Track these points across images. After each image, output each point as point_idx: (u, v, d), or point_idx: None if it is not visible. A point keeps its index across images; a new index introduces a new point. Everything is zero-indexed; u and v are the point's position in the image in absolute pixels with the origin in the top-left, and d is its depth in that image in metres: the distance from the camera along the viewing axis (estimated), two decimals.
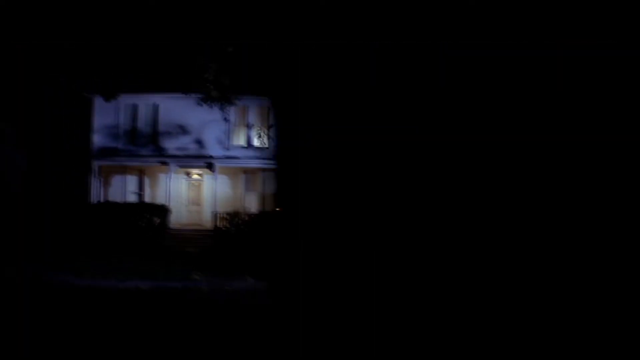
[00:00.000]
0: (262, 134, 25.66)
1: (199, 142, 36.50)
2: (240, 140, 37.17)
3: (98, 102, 35.33)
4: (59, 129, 31.28)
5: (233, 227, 33.73)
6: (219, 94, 21.08)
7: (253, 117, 36.70)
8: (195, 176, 37.52)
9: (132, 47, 20.16)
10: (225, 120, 24.38)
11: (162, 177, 36.53)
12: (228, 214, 34.45)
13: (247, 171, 37.16)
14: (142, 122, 37.17)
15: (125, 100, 35.09)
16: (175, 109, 36.24)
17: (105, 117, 36.30)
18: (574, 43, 6.69)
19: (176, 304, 15.90)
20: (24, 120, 20.93)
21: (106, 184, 36.87)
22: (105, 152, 36.28)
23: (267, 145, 30.16)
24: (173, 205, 35.14)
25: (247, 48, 18.64)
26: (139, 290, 17.93)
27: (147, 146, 36.75)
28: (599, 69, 6.65)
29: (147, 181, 37.31)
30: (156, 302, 16.06)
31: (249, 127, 36.68)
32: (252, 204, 36.97)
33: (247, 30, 19.28)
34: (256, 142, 35.16)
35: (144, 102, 36.85)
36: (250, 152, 36.48)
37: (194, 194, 37.51)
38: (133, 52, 20.93)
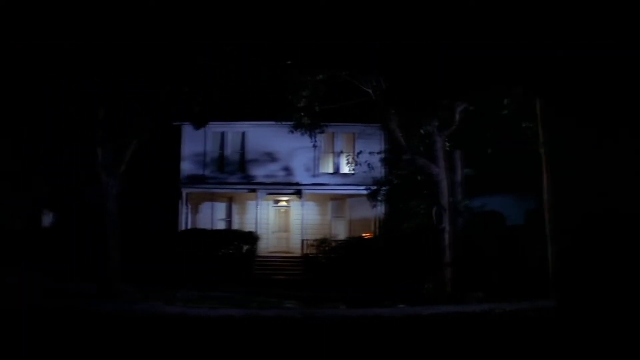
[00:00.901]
0: (350, 160, 25.50)
1: (287, 169, 36.51)
2: (328, 167, 37.06)
3: (186, 130, 35.80)
4: (150, 156, 31.66)
5: (321, 254, 33.44)
6: (310, 121, 21.05)
7: (340, 144, 36.56)
8: (282, 203, 37.51)
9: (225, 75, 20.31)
10: (315, 146, 24.27)
11: (249, 204, 36.62)
12: (316, 240, 34.21)
13: (334, 198, 36.98)
14: (230, 149, 37.46)
15: (213, 128, 35.42)
16: (263, 136, 36.44)
17: (194, 144, 36.72)
18: None
19: (273, 333, 15.60)
20: (117, 147, 21.15)
21: (195, 211, 37.16)
22: (194, 180, 36.63)
23: (354, 172, 29.93)
24: (261, 232, 35.11)
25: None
26: (232, 319, 17.72)
27: (235, 174, 36.98)
28: None
29: (234, 208, 37.46)
30: (251, 331, 15.82)
31: (336, 153, 36.56)
32: (339, 230, 36.69)
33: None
34: (346, 169, 34.87)
35: (232, 130, 37.15)
36: (338, 179, 36.31)
37: (282, 220, 37.47)
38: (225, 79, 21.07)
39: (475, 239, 25.65)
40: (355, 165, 25.89)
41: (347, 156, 26.14)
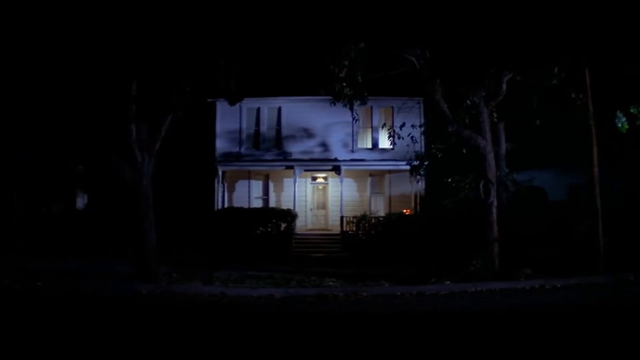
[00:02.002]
0: (392, 133, 24.67)
1: (324, 145, 35.84)
2: (366, 142, 36.32)
3: (221, 106, 35.25)
4: (184, 134, 31.15)
5: (361, 230, 32.77)
6: (352, 91, 20.27)
7: (378, 118, 35.71)
8: (320, 180, 36.87)
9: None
10: (355, 120, 23.52)
11: (286, 181, 36.01)
12: (355, 217, 33.56)
13: (373, 173, 36.31)
14: (265, 125, 36.83)
15: (248, 104, 34.87)
16: (299, 111, 35.86)
17: (228, 121, 36.14)
18: None
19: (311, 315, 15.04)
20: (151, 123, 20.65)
21: (230, 189, 36.67)
22: (229, 157, 36.09)
23: (393, 147, 29.02)
24: (298, 210, 34.46)
25: None
26: (273, 298, 17.18)
27: (271, 150, 36.42)
28: None
29: (271, 186, 36.91)
30: (290, 311, 15.28)
31: (374, 128, 35.73)
32: (378, 206, 36.03)
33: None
34: (385, 144, 33.91)
35: (267, 106, 36.52)
36: (376, 154, 35.57)
37: (320, 197, 36.91)
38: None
39: (520, 214, 24.86)
40: (398, 138, 24.94)
41: (388, 129, 25.32)
